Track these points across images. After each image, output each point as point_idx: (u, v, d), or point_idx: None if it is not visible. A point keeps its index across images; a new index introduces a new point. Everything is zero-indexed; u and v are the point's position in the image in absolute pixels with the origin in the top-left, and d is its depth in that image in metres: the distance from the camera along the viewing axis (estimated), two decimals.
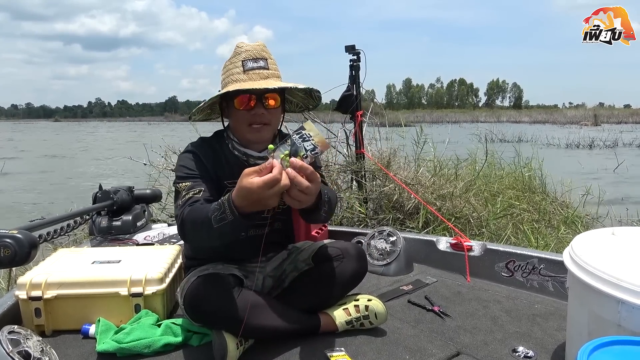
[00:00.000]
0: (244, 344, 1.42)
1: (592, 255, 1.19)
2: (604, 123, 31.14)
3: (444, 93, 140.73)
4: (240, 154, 1.52)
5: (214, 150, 1.52)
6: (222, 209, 1.20)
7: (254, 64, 1.43)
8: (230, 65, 1.45)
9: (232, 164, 1.51)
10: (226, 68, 1.47)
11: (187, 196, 1.38)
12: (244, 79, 1.42)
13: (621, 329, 1.04)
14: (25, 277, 1.60)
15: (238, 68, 1.43)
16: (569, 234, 3.42)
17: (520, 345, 1.48)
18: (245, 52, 1.44)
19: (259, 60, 1.43)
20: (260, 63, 1.44)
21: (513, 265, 2.03)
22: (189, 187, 1.41)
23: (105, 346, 1.44)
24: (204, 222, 1.24)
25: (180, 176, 1.45)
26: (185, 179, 1.43)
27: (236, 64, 1.44)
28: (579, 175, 6.38)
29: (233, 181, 1.48)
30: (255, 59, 1.43)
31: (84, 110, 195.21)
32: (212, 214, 1.22)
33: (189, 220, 1.31)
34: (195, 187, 1.40)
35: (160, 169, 4.01)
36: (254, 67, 1.43)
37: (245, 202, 1.16)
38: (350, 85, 3.12)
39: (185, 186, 1.41)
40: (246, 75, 1.42)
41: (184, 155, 1.50)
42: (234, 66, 1.44)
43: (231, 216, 1.18)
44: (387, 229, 2.34)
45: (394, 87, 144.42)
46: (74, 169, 12.65)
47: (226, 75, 1.46)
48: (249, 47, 1.44)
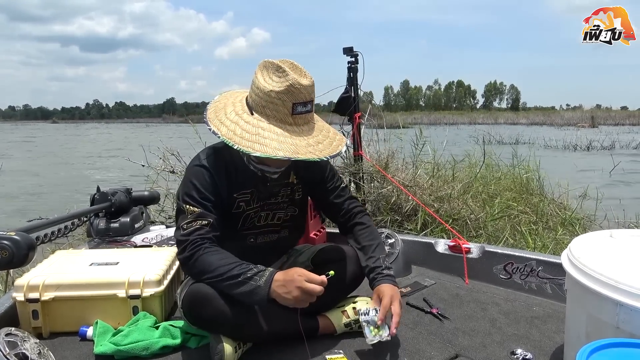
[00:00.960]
0: (242, 347, 1.42)
1: (590, 257, 1.19)
2: (601, 125, 31.20)
3: (441, 95, 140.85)
4: (256, 170, 1.50)
5: (225, 162, 1.47)
6: (253, 288, 1.30)
7: (302, 108, 1.36)
8: (277, 100, 1.33)
9: (243, 176, 1.49)
10: (272, 98, 1.34)
11: (194, 225, 1.37)
12: (289, 122, 1.35)
13: (619, 331, 1.04)
14: (23, 279, 1.60)
15: (286, 109, 1.34)
16: (567, 235, 3.42)
17: (518, 348, 1.49)
18: (299, 95, 1.34)
19: (307, 104, 1.37)
20: (308, 107, 1.38)
21: (511, 268, 2.03)
22: (197, 214, 1.38)
23: (103, 348, 1.43)
24: (223, 277, 1.32)
25: (189, 196, 1.41)
26: (194, 202, 1.40)
27: (286, 103, 1.33)
28: (577, 177, 6.40)
29: (242, 192, 1.49)
30: (305, 102, 1.36)
31: (81, 112, 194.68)
32: (240, 278, 1.30)
33: (202, 264, 1.34)
34: (204, 217, 1.38)
35: (159, 171, 4.00)
36: (302, 112, 1.36)
37: (282, 290, 1.30)
38: (348, 87, 3.11)
39: (193, 211, 1.38)
40: (292, 119, 1.35)
41: (195, 171, 1.44)
42: (282, 103, 1.33)
43: (258, 297, 1.30)
44: (385, 230, 2.34)
45: (392, 89, 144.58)
46: (72, 170, 12.62)
47: (270, 108, 1.35)
48: (303, 90, 1.34)
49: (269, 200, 1.55)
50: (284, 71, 1.33)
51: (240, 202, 1.50)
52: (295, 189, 1.60)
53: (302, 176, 1.60)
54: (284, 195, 1.58)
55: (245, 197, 1.50)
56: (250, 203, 1.52)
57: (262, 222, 1.56)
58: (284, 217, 1.60)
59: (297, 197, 1.62)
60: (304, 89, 1.34)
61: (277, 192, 1.56)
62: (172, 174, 4.00)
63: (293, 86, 1.32)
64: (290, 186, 1.59)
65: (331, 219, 1.72)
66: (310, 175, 1.62)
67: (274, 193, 1.56)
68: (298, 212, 1.65)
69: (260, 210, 1.55)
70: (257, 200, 1.53)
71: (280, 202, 1.58)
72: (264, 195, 1.54)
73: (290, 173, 1.58)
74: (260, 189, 1.52)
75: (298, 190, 1.61)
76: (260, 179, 1.51)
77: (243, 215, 1.52)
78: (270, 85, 1.34)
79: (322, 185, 1.65)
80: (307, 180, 1.62)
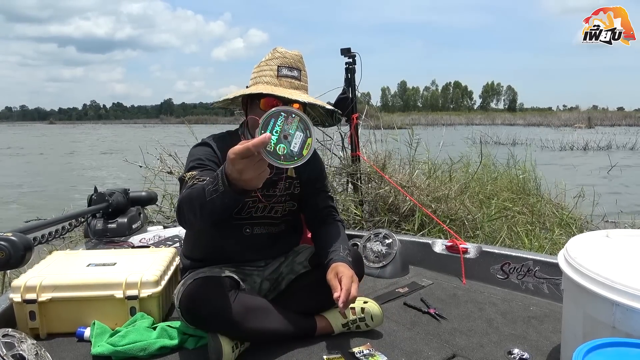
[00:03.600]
0: (239, 347, 1.42)
1: (587, 257, 1.20)
2: (597, 125, 31.34)
3: (439, 96, 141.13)
4: None
5: (226, 144, 1.49)
6: (215, 181, 1.18)
7: (288, 71, 1.46)
8: (265, 66, 1.47)
9: None
10: (260, 67, 1.49)
11: (190, 182, 1.36)
12: (275, 83, 1.45)
13: (616, 330, 1.05)
14: (20, 279, 1.59)
15: (272, 71, 1.46)
16: (563, 236, 3.44)
17: (515, 347, 1.49)
18: (283, 59, 1.46)
19: (293, 69, 1.47)
20: (294, 73, 1.47)
21: (508, 268, 2.04)
22: (194, 175, 1.39)
23: (101, 349, 1.43)
24: (199, 195, 1.22)
25: (190, 166, 1.44)
26: (192, 168, 1.43)
27: (272, 66, 1.46)
28: (573, 177, 6.42)
29: None
30: (291, 67, 1.46)
31: (78, 113, 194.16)
32: (207, 186, 1.20)
33: (186, 197, 1.29)
34: (200, 176, 1.38)
35: (156, 172, 4.00)
36: (287, 75, 1.46)
37: (234, 172, 1.11)
38: (345, 88, 3.12)
39: (191, 175, 1.40)
40: (278, 81, 1.45)
41: (198, 148, 1.51)
42: (268, 68, 1.46)
43: (222, 187, 1.16)
44: (382, 231, 2.34)
45: (389, 90, 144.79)
46: (70, 171, 12.59)
47: (258, 75, 1.48)
48: (287, 55, 1.47)
49: (268, 191, 1.55)
50: (276, 49, 1.49)
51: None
52: (293, 183, 1.61)
53: (300, 170, 1.61)
54: (282, 189, 1.59)
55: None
56: None
57: (260, 213, 1.57)
58: (281, 210, 1.61)
59: (295, 191, 1.62)
60: (289, 55, 1.47)
61: (277, 183, 1.57)
62: (169, 174, 4.00)
63: (277, 51, 1.48)
64: (289, 179, 1.59)
65: (306, 218, 1.74)
66: (307, 170, 1.62)
67: (274, 182, 1.56)
68: (296, 208, 1.66)
69: (259, 202, 1.55)
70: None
71: (278, 195, 1.58)
72: (264, 183, 1.53)
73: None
74: None
75: (296, 185, 1.62)
76: None
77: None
78: (263, 59, 1.50)
79: (314, 183, 1.66)
80: (303, 176, 1.63)
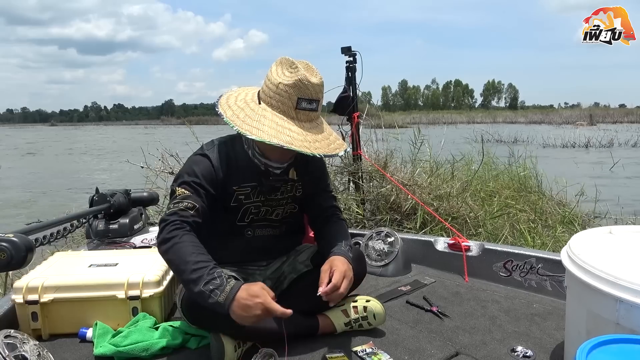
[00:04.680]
0: (242, 347, 1.42)
1: (590, 254, 1.19)
2: (599, 123, 31.21)
3: (439, 94, 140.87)
4: (260, 163, 1.52)
5: (228, 154, 1.50)
6: (218, 289, 1.27)
7: (307, 104, 1.38)
8: (284, 92, 1.37)
9: (245, 170, 1.51)
10: (278, 89, 1.37)
11: (179, 205, 1.38)
12: (292, 116, 1.38)
13: (619, 327, 1.04)
14: (22, 280, 1.59)
15: (291, 102, 1.37)
16: (566, 233, 3.42)
17: (519, 345, 1.49)
18: (305, 90, 1.37)
19: (313, 102, 1.39)
20: (313, 105, 1.40)
21: (511, 265, 2.03)
22: (186, 196, 1.39)
23: (103, 350, 1.43)
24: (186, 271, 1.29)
25: (183, 180, 1.43)
26: (186, 186, 1.42)
27: (291, 96, 1.36)
28: (575, 175, 6.40)
29: (242, 185, 1.49)
30: (310, 100, 1.38)
31: (80, 114, 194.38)
32: (206, 278, 1.27)
33: (173, 254, 1.33)
34: (191, 199, 1.39)
35: (158, 172, 4.00)
36: (306, 108, 1.39)
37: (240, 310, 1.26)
38: (346, 87, 3.11)
39: (183, 193, 1.40)
40: (295, 113, 1.38)
41: (196, 159, 1.48)
42: (288, 96, 1.36)
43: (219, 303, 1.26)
44: (384, 229, 2.34)
45: (390, 89, 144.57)
46: (70, 172, 12.60)
47: (276, 100, 1.38)
48: (310, 87, 1.37)
49: (270, 195, 1.56)
50: (296, 67, 1.37)
51: (240, 195, 1.51)
52: (295, 186, 1.61)
53: (301, 172, 1.61)
54: (284, 192, 1.58)
55: (245, 190, 1.51)
56: (250, 197, 1.52)
57: (261, 216, 1.57)
58: (282, 213, 1.61)
59: (297, 194, 1.62)
60: (312, 87, 1.37)
61: (279, 188, 1.57)
62: (171, 175, 4.00)
63: (301, 81, 1.35)
64: (290, 182, 1.59)
65: (309, 218, 1.73)
66: (309, 172, 1.62)
67: (276, 188, 1.56)
68: (298, 210, 1.66)
69: (262, 205, 1.55)
70: (258, 194, 1.53)
71: (280, 199, 1.58)
72: (266, 190, 1.54)
73: (291, 169, 1.58)
74: (263, 183, 1.53)
75: (298, 187, 1.62)
76: (263, 173, 1.52)
77: (242, 208, 1.53)
78: (281, 77, 1.38)
79: (317, 184, 1.66)
80: (305, 177, 1.62)
